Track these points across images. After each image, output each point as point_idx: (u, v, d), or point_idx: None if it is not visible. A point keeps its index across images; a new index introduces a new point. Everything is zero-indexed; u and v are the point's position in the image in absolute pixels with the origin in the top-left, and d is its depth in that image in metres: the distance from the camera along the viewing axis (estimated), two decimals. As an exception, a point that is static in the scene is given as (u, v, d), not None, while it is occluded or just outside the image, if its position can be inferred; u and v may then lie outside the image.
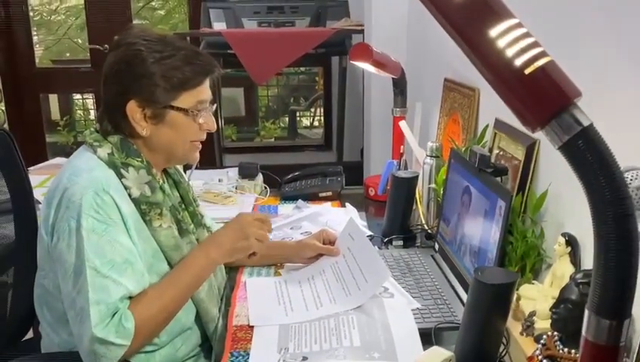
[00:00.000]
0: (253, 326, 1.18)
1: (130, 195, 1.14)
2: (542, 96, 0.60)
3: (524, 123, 0.62)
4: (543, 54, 0.61)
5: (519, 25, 0.62)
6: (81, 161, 1.15)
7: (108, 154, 1.15)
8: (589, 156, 0.57)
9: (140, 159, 1.17)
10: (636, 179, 0.77)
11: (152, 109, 1.15)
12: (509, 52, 0.60)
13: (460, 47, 0.64)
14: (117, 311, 1.05)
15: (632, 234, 0.57)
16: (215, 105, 1.26)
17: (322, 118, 4.33)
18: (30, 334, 1.50)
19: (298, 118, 5.13)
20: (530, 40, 0.61)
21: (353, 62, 1.87)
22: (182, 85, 1.15)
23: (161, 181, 1.22)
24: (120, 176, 1.14)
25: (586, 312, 0.61)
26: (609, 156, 0.57)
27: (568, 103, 0.59)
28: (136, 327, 1.06)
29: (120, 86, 1.15)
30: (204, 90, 1.20)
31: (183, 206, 1.30)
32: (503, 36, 0.61)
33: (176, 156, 1.23)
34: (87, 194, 1.08)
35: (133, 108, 1.15)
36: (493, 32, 0.61)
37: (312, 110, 5.12)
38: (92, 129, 1.21)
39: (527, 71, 0.60)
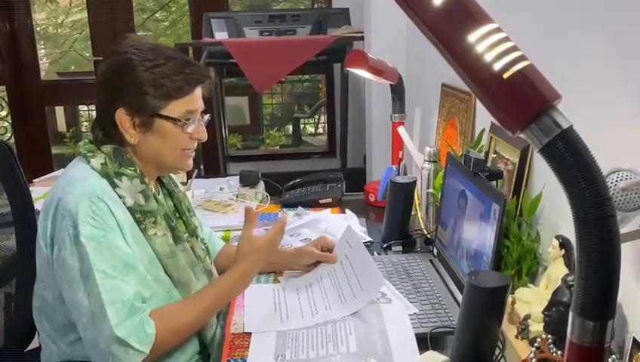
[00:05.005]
0: (250, 334, 1.18)
1: (124, 204, 1.14)
2: (521, 100, 0.60)
3: (505, 126, 0.62)
4: (521, 58, 0.61)
5: (498, 29, 0.62)
6: (75, 171, 1.16)
7: (101, 164, 1.16)
8: (569, 158, 0.58)
9: (133, 168, 1.18)
10: (622, 180, 0.77)
11: (141, 118, 1.16)
12: (488, 56, 0.61)
13: (440, 52, 0.64)
14: (135, 310, 1.06)
15: (613, 235, 0.57)
16: (207, 115, 1.26)
17: (326, 125, 4.34)
18: (36, 343, 1.51)
19: (302, 126, 5.14)
20: (508, 44, 0.61)
21: (349, 70, 1.87)
22: (171, 94, 1.15)
23: (154, 190, 1.23)
24: (114, 186, 1.14)
25: (570, 314, 0.61)
26: (589, 158, 0.57)
27: (548, 106, 0.59)
28: (158, 337, 1.07)
29: (110, 94, 1.16)
30: (194, 100, 1.19)
31: (177, 214, 1.31)
32: (482, 41, 0.61)
33: (166, 164, 1.24)
34: (82, 202, 1.09)
35: (122, 117, 1.16)
36: (472, 37, 0.61)
37: (316, 117, 5.13)
38: (86, 140, 1.23)
39: (506, 75, 0.60)
